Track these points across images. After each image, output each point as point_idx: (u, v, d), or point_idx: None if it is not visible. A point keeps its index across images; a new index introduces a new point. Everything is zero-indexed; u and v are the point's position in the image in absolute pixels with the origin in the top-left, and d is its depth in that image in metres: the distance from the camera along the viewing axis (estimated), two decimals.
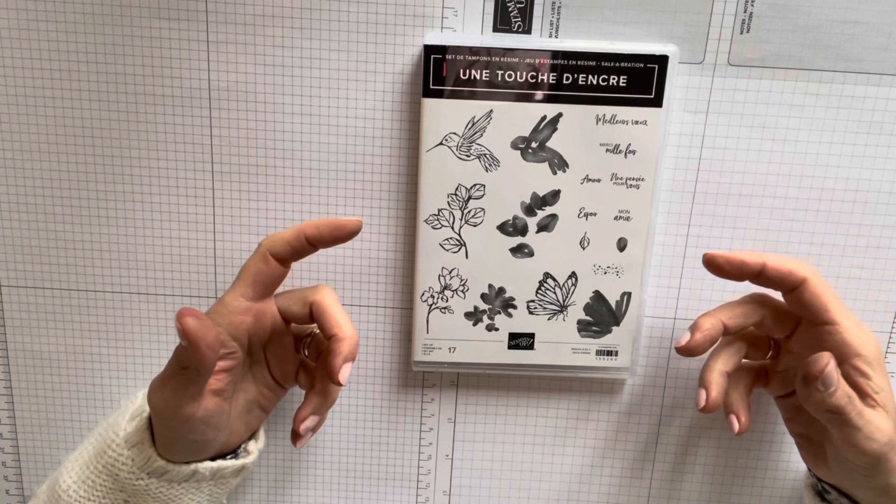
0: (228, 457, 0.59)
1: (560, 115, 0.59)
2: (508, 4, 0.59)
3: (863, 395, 0.53)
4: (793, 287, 0.55)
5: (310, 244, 0.55)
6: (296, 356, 0.61)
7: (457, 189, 0.60)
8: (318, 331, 0.60)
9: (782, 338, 0.60)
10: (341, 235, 0.55)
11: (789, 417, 0.61)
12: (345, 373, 0.54)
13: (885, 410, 0.53)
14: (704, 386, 0.58)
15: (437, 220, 0.61)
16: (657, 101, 0.58)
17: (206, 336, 0.49)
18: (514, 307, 0.63)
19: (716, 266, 0.56)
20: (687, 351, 0.57)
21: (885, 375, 0.55)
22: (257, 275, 0.56)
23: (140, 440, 0.55)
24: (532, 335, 0.63)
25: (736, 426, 0.58)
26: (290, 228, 0.56)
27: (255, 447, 0.61)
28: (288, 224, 0.63)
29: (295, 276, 0.65)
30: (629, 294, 0.63)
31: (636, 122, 0.59)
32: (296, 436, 0.57)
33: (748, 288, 0.58)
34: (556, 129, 0.59)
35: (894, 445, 0.53)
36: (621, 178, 0.60)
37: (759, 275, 0.55)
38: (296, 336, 0.61)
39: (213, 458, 0.58)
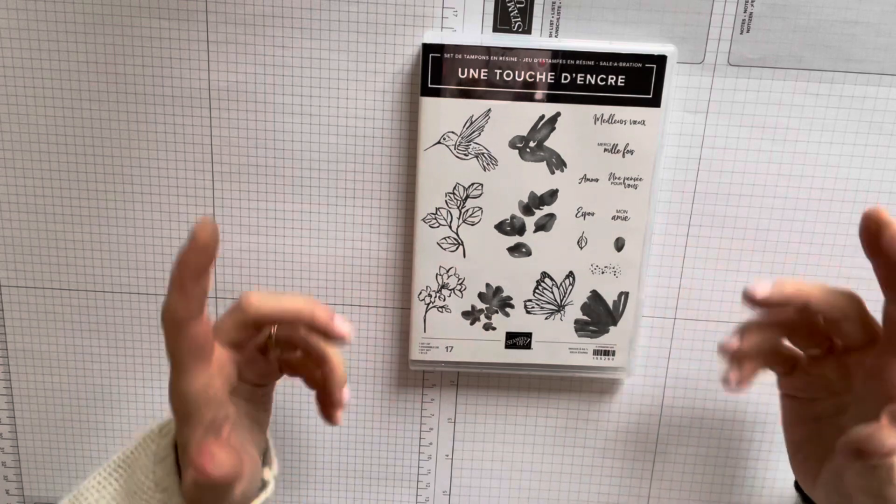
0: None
1: (558, 114, 0.59)
2: (508, 4, 0.59)
3: None
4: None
5: (204, 278, 0.48)
6: (267, 361, 0.56)
7: (455, 188, 0.60)
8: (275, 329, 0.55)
9: (843, 347, 0.54)
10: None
11: (791, 423, 0.57)
12: (346, 396, 0.53)
13: None
14: (736, 361, 0.54)
15: (435, 218, 0.61)
16: (655, 101, 0.58)
17: (233, 463, 0.48)
18: (512, 306, 0.63)
19: (877, 229, 0.49)
20: (754, 301, 0.52)
21: None
22: (194, 349, 0.49)
23: (170, 484, 0.53)
24: (529, 335, 0.63)
25: (732, 382, 0.54)
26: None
27: (270, 475, 0.58)
28: (286, 222, 0.63)
29: (297, 277, 0.65)
30: (626, 294, 0.63)
31: (634, 122, 0.59)
32: (336, 409, 0.54)
33: (744, 286, 0.58)
34: (554, 129, 0.59)
35: None
36: (619, 178, 0.60)
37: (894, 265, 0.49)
38: (258, 347, 0.55)
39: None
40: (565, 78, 0.58)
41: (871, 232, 0.49)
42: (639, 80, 0.58)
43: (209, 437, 0.48)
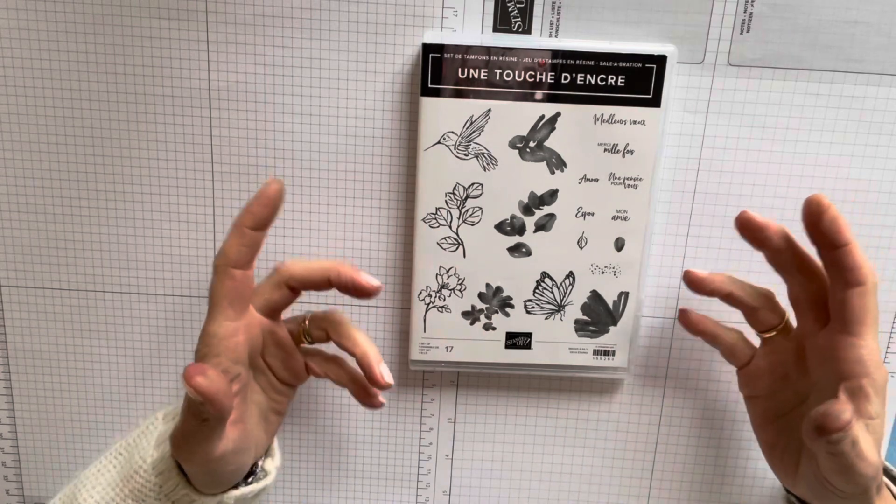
0: (249, 480, 0.58)
1: (558, 114, 0.59)
2: (508, 4, 0.59)
3: (861, 415, 0.51)
4: (852, 283, 0.51)
5: (259, 232, 0.53)
6: (296, 352, 0.59)
7: (455, 188, 0.60)
8: (310, 316, 0.59)
9: (795, 333, 0.58)
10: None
11: (760, 424, 0.60)
12: (386, 373, 0.56)
13: (874, 439, 0.51)
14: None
15: (435, 218, 0.61)
16: (655, 101, 0.58)
17: (220, 387, 0.48)
18: (512, 306, 0.63)
19: (818, 212, 0.51)
20: (692, 281, 0.58)
21: (885, 405, 0.53)
22: (230, 293, 0.53)
23: (167, 467, 0.55)
24: (529, 335, 0.63)
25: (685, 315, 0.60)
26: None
27: (272, 465, 0.60)
28: (286, 222, 0.63)
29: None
30: (626, 294, 0.63)
31: (634, 122, 0.59)
32: (378, 388, 0.57)
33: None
34: (554, 129, 0.59)
35: (879, 486, 0.52)
36: (619, 178, 0.60)
37: (840, 247, 0.51)
38: (290, 330, 0.59)
39: (246, 478, 0.58)
40: (565, 78, 0.58)
41: (813, 216, 0.51)
42: (639, 80, 0.58)
43: (215, 372, 0.49)
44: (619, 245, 0.61)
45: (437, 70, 0.58)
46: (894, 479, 0.58)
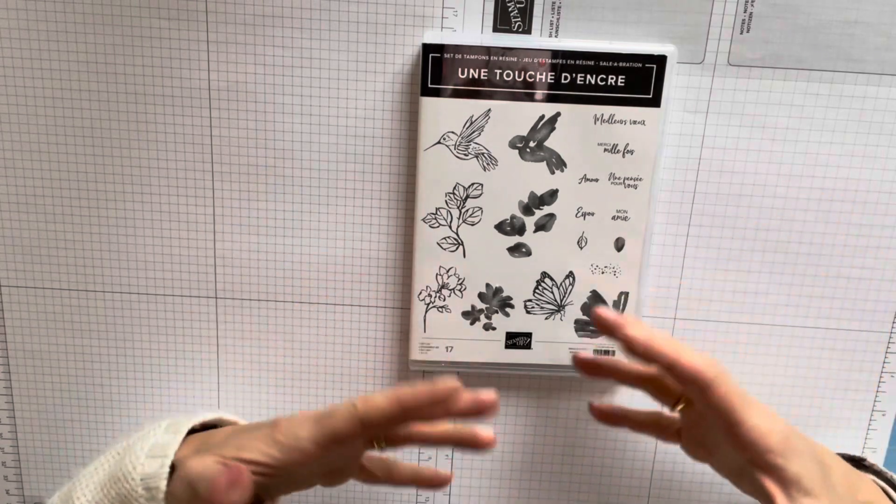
0: None
1: (558, 114, 0.59)
2: (508, 4, 0.59)
3: (786, 487, 0.50)
4: (705, 387, 0.50)
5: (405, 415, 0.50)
6: (357, 460, 0.57)
7: (455, 188, 0.60)
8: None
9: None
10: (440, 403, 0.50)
11: (733, 481, 0.57)
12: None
13: (813, 496, 0.50)
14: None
15: (435, 218, 0.61)
16: (655, 102, 0.58)
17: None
18: (512, 306, 0.63)
19: (632, 346, 0.51)
20: (581, 362, 0.57)
21: (800, 455, 0.51)
22: (337, 436, 0.50)
23: (156, 486, 0.53)
24: (529, 335, 0.63)
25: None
26: (383, 393, 0.50)
27: None
28: (286, 222, 0.63)
29: (297, 277, 0.65)
30: (626, 294, 0.63)
31: (634, 122, 0.59)
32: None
33: (744, 286, 0.58)
34: (554, 129, 0.59)
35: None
36: (619, 178, 0.60)
37: (670, 368, 0.50)
38: (366, 442, 0.56)
39: None
40: (565, 78, 0.58)
41: (629, 344, 0.51)
42: (639, 80, 0.58)
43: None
44: (619, 245, 0.61)
45: (437, 70, 0.58)
46: (888, 480, 0.58)
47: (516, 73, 0.58)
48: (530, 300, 0.62)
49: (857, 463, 0.60)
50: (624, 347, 0.51)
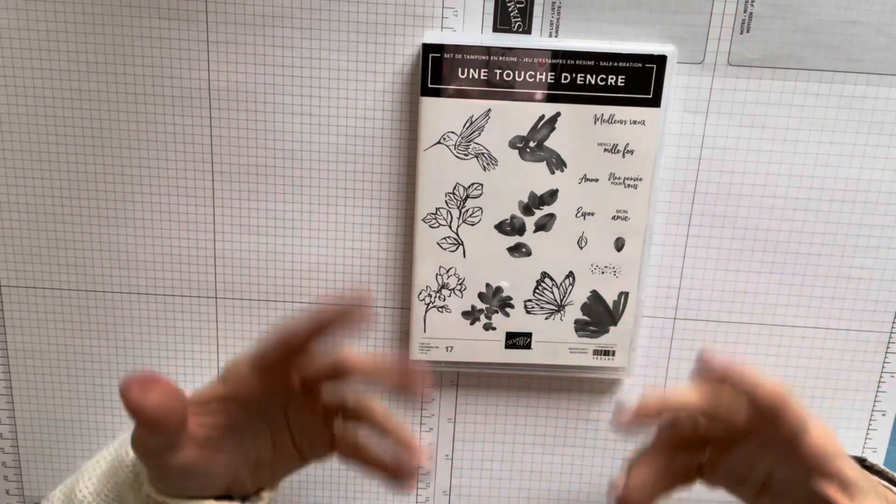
0: (237, 499, 0.55)
1: (558, 114, 0.59)
2: (508, 4, 0.59)
3: (848, 490, 0.50)
4: (776, 414, 0.50)
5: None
6: (326, 428, 0.55)
7: (455, 188, 0.60)
8: (352, 403, 0.55)
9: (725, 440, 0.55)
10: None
11: (752, 500, 0.56)
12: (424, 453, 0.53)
13: (868, 495, 0.51)
14: (626, 473, 0.54)
15: (435, 218, 0.61)
16: (655, 102, 0.58)
17: (151, 408, 0.46)
18: (512, 306, 0.63)
19: (710, 371, 0.51)
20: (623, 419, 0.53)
21: (850, 459, 0.52)
22: (283, 357, 0.51)
23: (143, 475, 0.53)
24: (529, 335, 0.63)
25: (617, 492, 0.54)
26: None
27: (267, 495, 0.59)
28: (286, 222, 0.63)
29: (297, 277, 0.65)
30: (626, 294, 0.63)
31: (634, 122, 0.59)
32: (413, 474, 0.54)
33: (744, 286, 0.58)
34: (554, 129, 0.59)
35: None
36: (619, 178, 0.60)
37: (747, 394, 0.50)
38: (326, 407, 0.55)
39: (220, 497, 0.56)
40: (565, 78, 0.58)
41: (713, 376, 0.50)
42: (639, 80, 0.58)
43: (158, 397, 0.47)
44: (619, 245, 0.61)
45: (437, 70, 0.58)
46: (889, 479, 0.58)
47: (516, 73, 0.58)
48: (530, 300, 0.62)
49: (860, 463, 0.60)
50: (704, 373, 0.51)
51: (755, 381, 0.50)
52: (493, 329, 0.63)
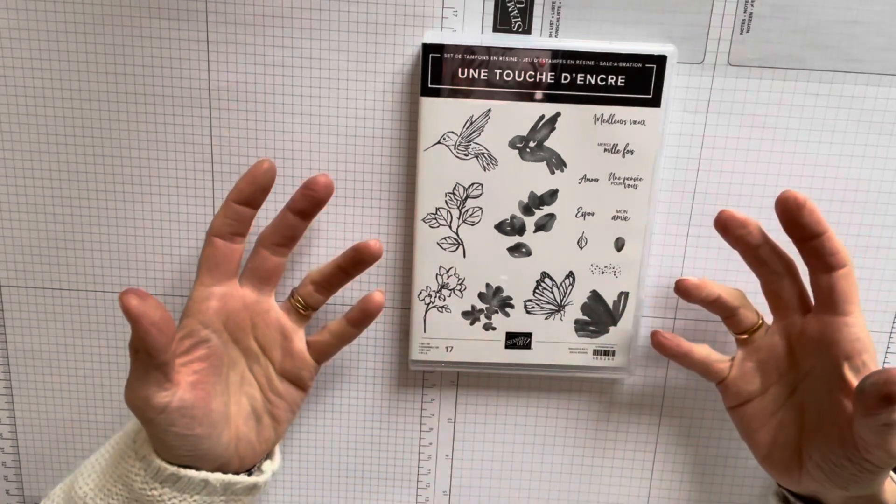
0: (242, 474, 0.58)
1: (558, 114, 0.59)
2: (508, 4, 0.59)
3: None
4: (836, 267, 0.54)
5: (246, 207, 0.56)
6: (295, 333, 0.61)
7: (454, 188, 0.60)
8: (302, 291, 0.61)
9: (775, 325, 0.59)
10: (263, 185, 0.56)
11: (750, 431, 0.59)
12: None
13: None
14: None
15: (435, 218, 0.61)
16: (655, 101, 0.58)
17: (149, 313, 0.48)
18: (512, 306, 0.63)
19: (797, 207, 0.53)
20: (686, 289, 0.59)
21: (876, 367, 0.54)
22: (208, 259, 0.56)
23: (148, 451, 0.55)
24: (529, 335, 0.63)
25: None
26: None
27: (269, 467, 0.60)
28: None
29: (297, 277, 0.65)
30: (626, 294, 0.63)
31: (634, 122, 0.59)
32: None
33: (744, 286, 0.58)
34: (554, 129, 0.59)
35: None
36: (619, 178, 0.60)
37: (820, 235, 0.53)
38: (285, 310, 0.61)
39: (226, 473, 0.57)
40: (565, 78, 0.58)
41: (791, 212, 0.54)
42: (639, 80, 0.58)
43: (154, 301, 0.50)
44: (619, 245, 0.61)
45: (437, 70, 0.58)
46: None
47: (516, 73, 0.58)
48: (530, 300, 0.62)
49: None
50: (782, 208, 0.54)
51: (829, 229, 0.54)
52: (493, 329, 0.63)
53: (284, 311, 0.60)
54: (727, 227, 0.56)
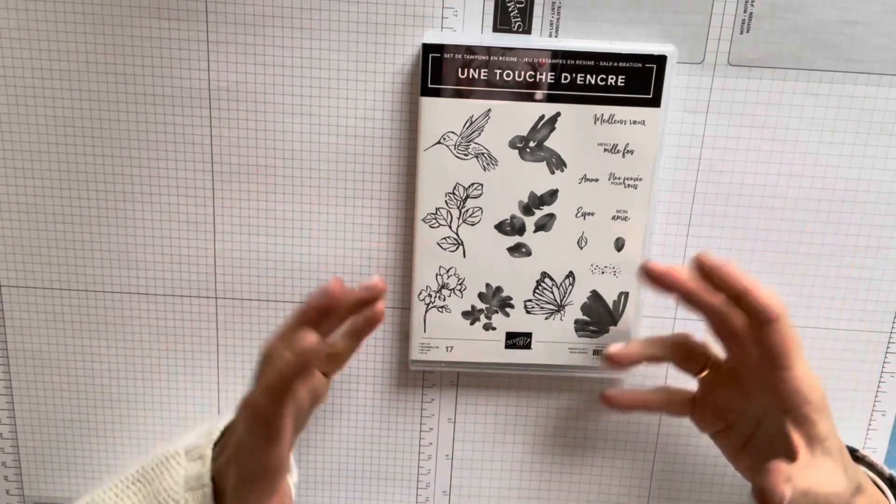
0: None
1: (558, 114, 0.59)
2: (508, 4, 0.59)
3: (811, 443, 0.52)
4: (765, 322, 0.52)
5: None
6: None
7: (455, 188, 0.60)
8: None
9: (725, 367, 0.59)
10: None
11: (733, 455, 0.60)
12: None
13: (832, 458, 0.52)
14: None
15: (435, 218, 0.61)
16: (655, 101, 0.58)
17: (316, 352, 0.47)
18: (512, 306, 0.63)
19: (704, 270, 0.54)
20: (611, 358, 0.59)
21: (831, 420, 0.54)
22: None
23: (201, 479, 0.54)
24: (529, 335, 0.63)
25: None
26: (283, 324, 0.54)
27: (290, 482, 0.60)
28: (286, 222, 0.63)
29: (297, 277, 0.65)
30: (626, 294, 0.63)
31: (634, 122, 0.59)
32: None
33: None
34: (554, 129, 0.59)
35: (857, 490, 0.53)
36: (619, 178, 0.60)
37: (742, 293, 0.53)
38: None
39: None
40: (565, 78, 0.58)
41: (704, 273, 0.54)
42: (639, 80, 0.58)
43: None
44: (619, 245, 0.61)
45: (437, 70, 0.58)
46: (879, 472, 0.58)
47: (516, 73, 0.58)
48: (530, 300, 0.62)
49: (851, 454, 0.60)
50: (699, 273, 0.54)
51: (751, 285, 0.53)
52: (493, 329, 0.63)
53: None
54: (652, 278, 0.55)
